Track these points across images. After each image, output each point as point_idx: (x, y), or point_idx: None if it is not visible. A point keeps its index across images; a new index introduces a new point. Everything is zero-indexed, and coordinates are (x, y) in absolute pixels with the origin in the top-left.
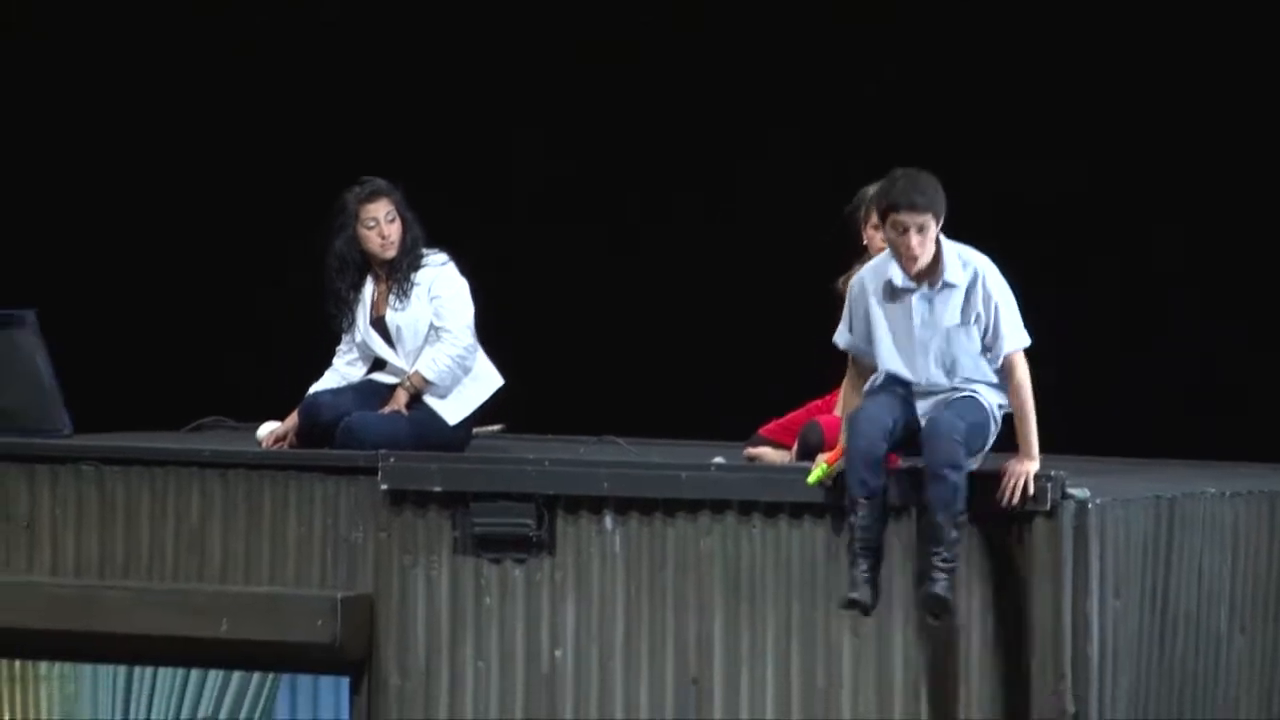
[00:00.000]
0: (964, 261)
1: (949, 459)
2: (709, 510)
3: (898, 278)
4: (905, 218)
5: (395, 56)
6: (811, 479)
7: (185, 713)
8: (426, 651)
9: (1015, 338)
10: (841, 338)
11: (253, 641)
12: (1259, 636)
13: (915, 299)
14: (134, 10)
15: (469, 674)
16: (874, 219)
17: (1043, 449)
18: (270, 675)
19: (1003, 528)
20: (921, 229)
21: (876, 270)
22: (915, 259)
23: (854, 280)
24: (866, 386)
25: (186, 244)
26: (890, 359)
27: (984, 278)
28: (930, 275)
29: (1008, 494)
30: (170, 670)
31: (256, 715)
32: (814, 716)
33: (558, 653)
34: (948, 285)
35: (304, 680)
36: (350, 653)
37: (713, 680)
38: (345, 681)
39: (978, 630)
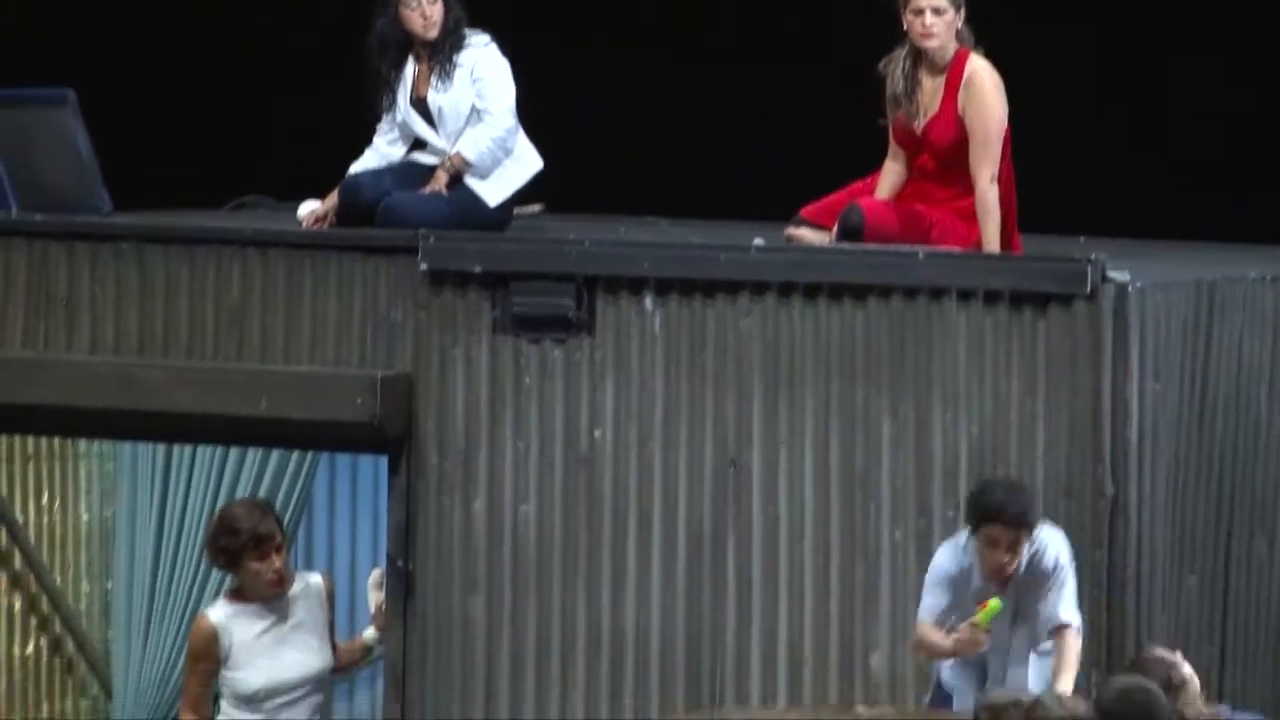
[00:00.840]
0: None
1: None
2: (749, 291)
3: (976, 579)
4: (998, 532)
5: None
6: (982, 619)
7: (224, 492)
8: (465, 431)
9: (1067, 613)
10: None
11: (292, 420)
12: None
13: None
14: None
15: (508, 453)
16: (912, 4)
17: (1083, 231)
18: (309, 454)
19: (1042, 311)
20: (1013, 545)
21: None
22: (1004, 578)
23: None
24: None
25: (228, 20)
26: None
27: (1044, 552)
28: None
29: None
30: (209, 449)
31: (295, 494)
32: (852, 498)
33: (596, 433)
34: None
35: (343, 459)
36: (389, 431)
37: (751, 462)
38: (384, 461)
39: (1016, 413)
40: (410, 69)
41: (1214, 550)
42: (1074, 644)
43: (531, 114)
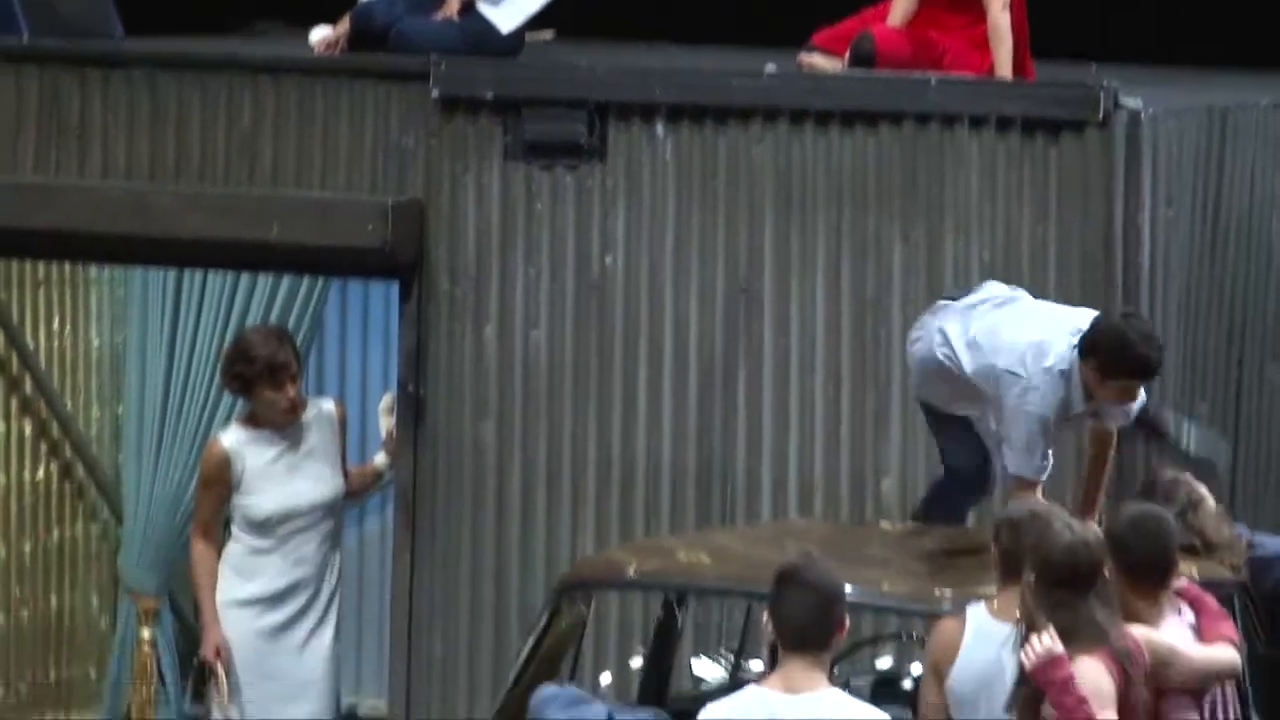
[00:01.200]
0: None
1: None
2: (761, 117)
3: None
4: (1136, 387)
5: None
6: None
7: (235, 318)
8: (477, 257)
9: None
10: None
11: (303, 246)
12: None
13: None
14: None
15: (519, 279)
16: None
17: (1096, 58)
18: (320, 280)
19: (1054, 138)
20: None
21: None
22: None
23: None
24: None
25: None
26: None
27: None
28: None
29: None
30: (220, 275)
31: (306, 320)
32: (863, 325)
33: (608, 259)
34: None
35: (354, 286)
36: (400, 257)
37: (762, 289)
38: (395, 286)
39: (1028, 240)
40: None
41: (1224, 378)
42: None
43: None
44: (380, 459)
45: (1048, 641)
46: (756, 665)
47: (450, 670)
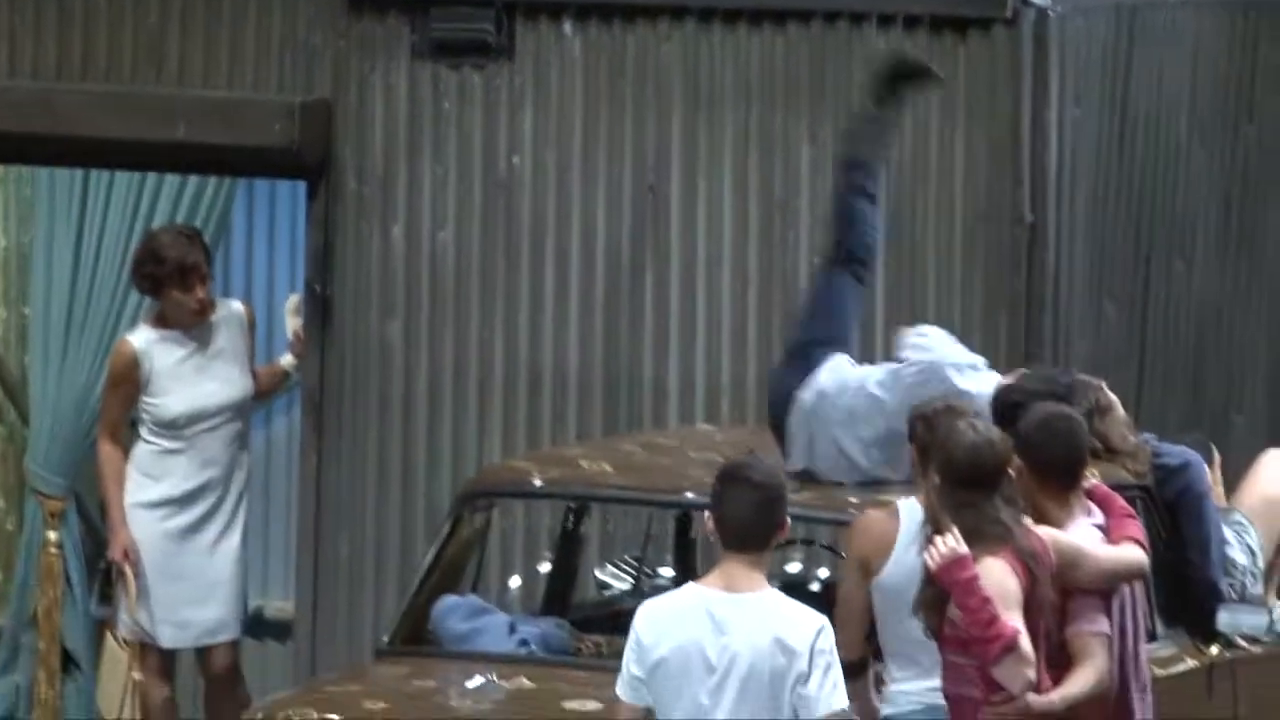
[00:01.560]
0: None
1: None
2: (668, 16)
3: None
4: None
5: None
6: None
7: (141, 218)
8: (384, 157)
9: None
10: None
11: (210, 145)
12: (1219, 147)
13: None
14: None
15: (426, 180)
16: None
17: None
18: (227, 180)
19: (962, 36)
20: None
21: None
22: None
23: None
24: None
25: None
26: None
27: None
28: None
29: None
30: (127, 175)
31: (213, 221)
32: (771, 225)
33: (515, 159)
34: None
35: (261, 185)
36: (307, 157)
37: (670, 189)
38: (302, 186)
39: (936, 139)
40: None
41: (1133, 275)
42: None
43: None
44: (287, 360)
45: (952, 542)
46: (665, 573)
47: (357, 572)
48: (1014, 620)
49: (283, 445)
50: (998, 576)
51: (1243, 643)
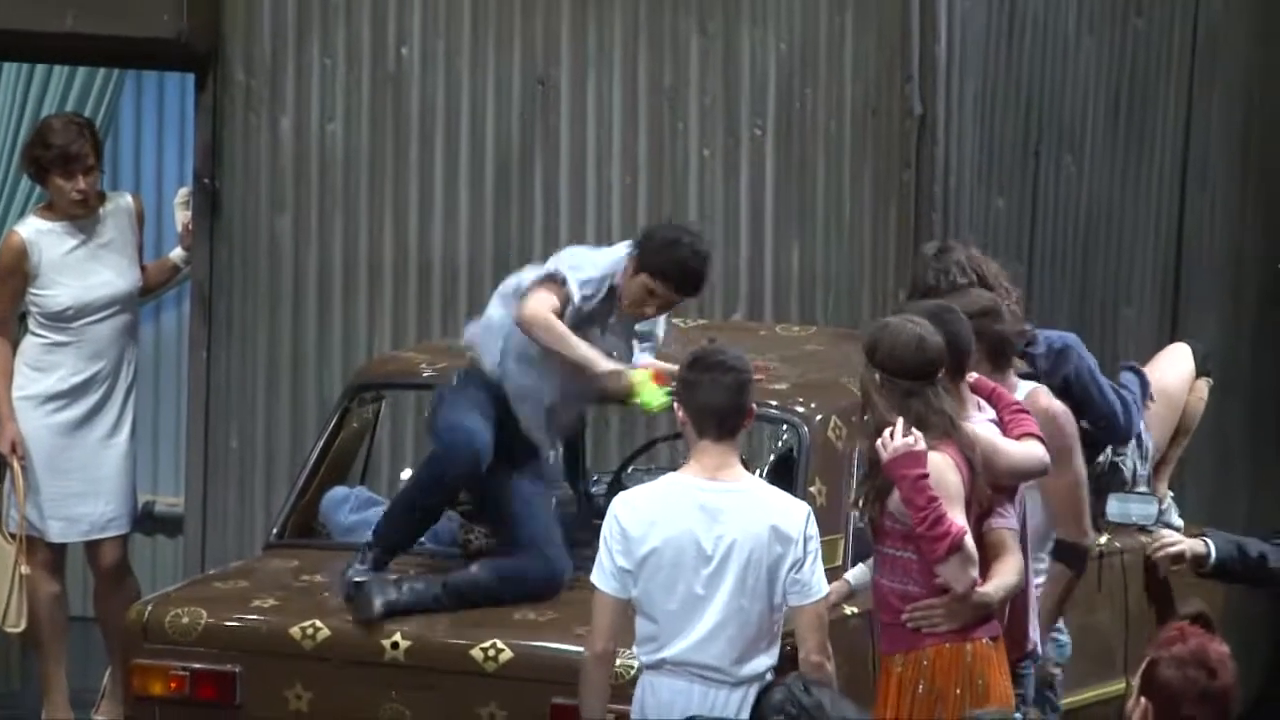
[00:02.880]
0: None
1: None
2: None
3: None
4: None
5: None
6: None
7: (29, 109)
8: (273, 48)
9: None
10: None
11: (98, 36)
12: (1108, 40)
13: None
14: None
15: (315, 71)
16: None
17: None
18: (115, 72)
19: None
20: None
21: None
22: None
23: None
24: None
25: None
26: None
27: None
28: None
29: None
30: (14, 66)
31: (101, 112)
32: (660, 117)
33: (404, 50)
34: None
35: (149, 78)
36: (196, 48)
37: (559, 81)
38: (190, 78)
39: (825, 30)
40: None
41: (1022, 170)
42: None
43: None
44: (176, 253)
45: (909, 438)
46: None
47: (247, 465)
48: (958, 518)
49: (172, 339)
50: (942, 471)
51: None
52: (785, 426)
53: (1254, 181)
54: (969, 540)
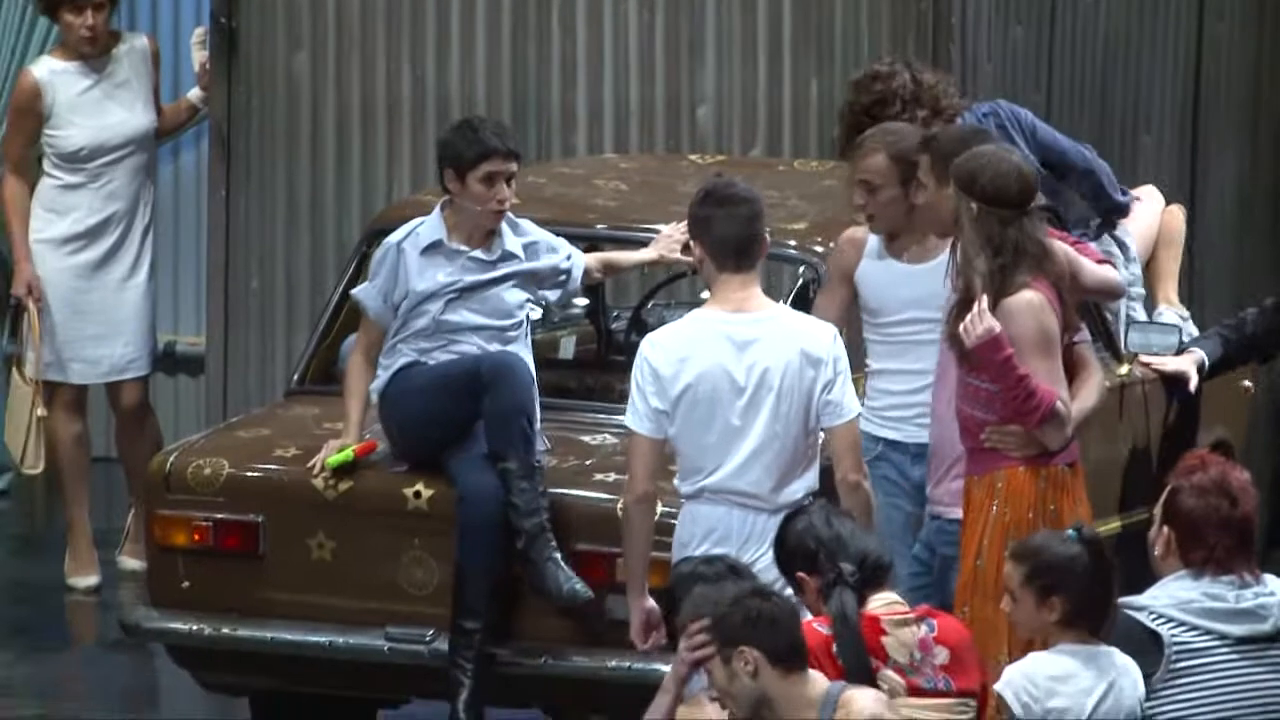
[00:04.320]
0: None
1: None
2: None
3: None
4: None
5: None
6: (332, 461)
7: None
8: None
9: None
10: None
11: None
12: None
13: None
14: None
15: None
16: None
17: None
18: None
19: None
20: None
21: None
22: None
23: None
24: None
25: None
26: None
27: None
28: None
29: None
30: None
31: None
32: None
33: None
34: None
35: None
36: None
37: None
38: None
39: None
40: None
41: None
42: None
43: None
44: (194, 94)
45: (988, 320)
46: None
47: (268, 305)
48: (1052, 368)
49: (191, 179)
50: (1041, 315)
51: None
52: (804, 266)
53: (1271, 10)
54: (1060, 405)
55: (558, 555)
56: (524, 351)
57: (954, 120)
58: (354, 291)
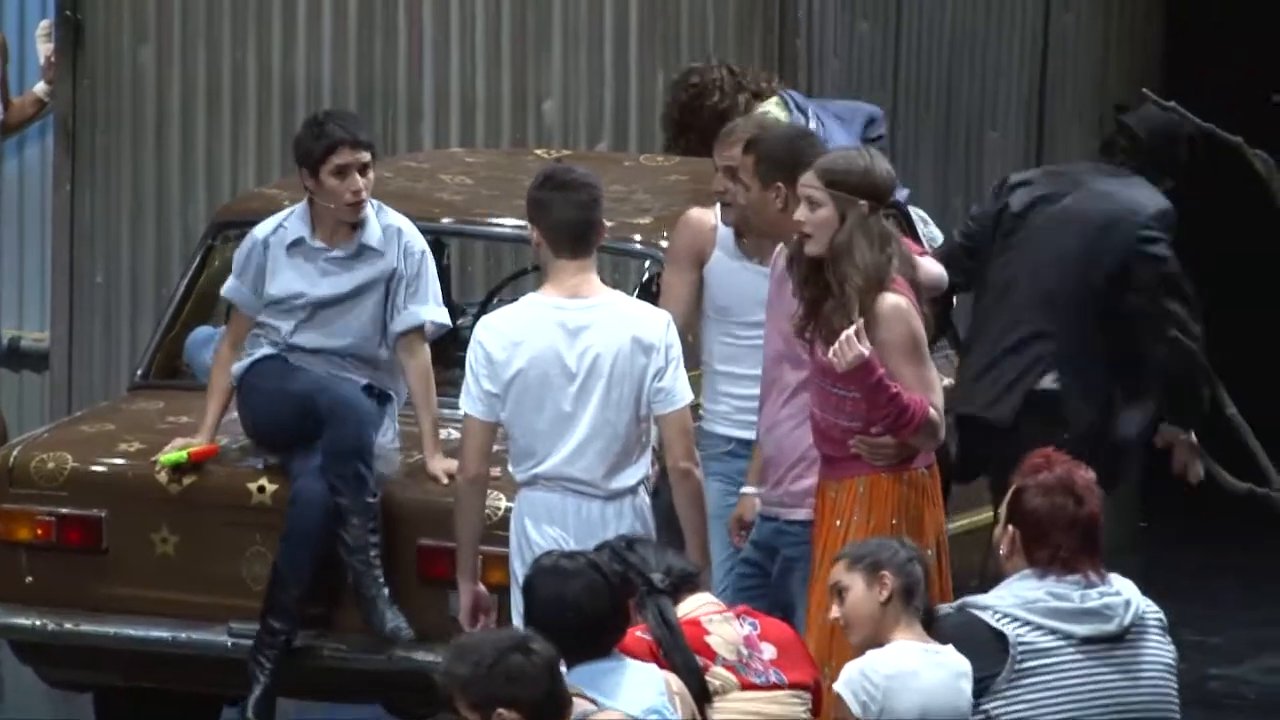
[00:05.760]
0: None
1: None
2: None
3: None
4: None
5: None
6: (165, 459)
7: None
8: None
9: None
10: None
11: None
12: None
13: None
14: None
15: None
16: None
17: None
18: None
19: None
20: None
21: None
22: None
23: None
24: None
25: None
26: None
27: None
28: None
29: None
30: None
31: None
32: None
33: None
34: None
35: None
36: None
37: None
38: None
39: None
40: None
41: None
42: None
43: None
44: (40, 87)
45: (857, 347)
46: None
47: (113, 301)
48: (921, 373)
49: (36, 173)
50: (909, 318)
51: None
52: (649, 260)
53: (1118, 3)
54: (933, 413)
55: (385, 592)
56: (379, 375)
57: (766, 99)
58: (224, 290)
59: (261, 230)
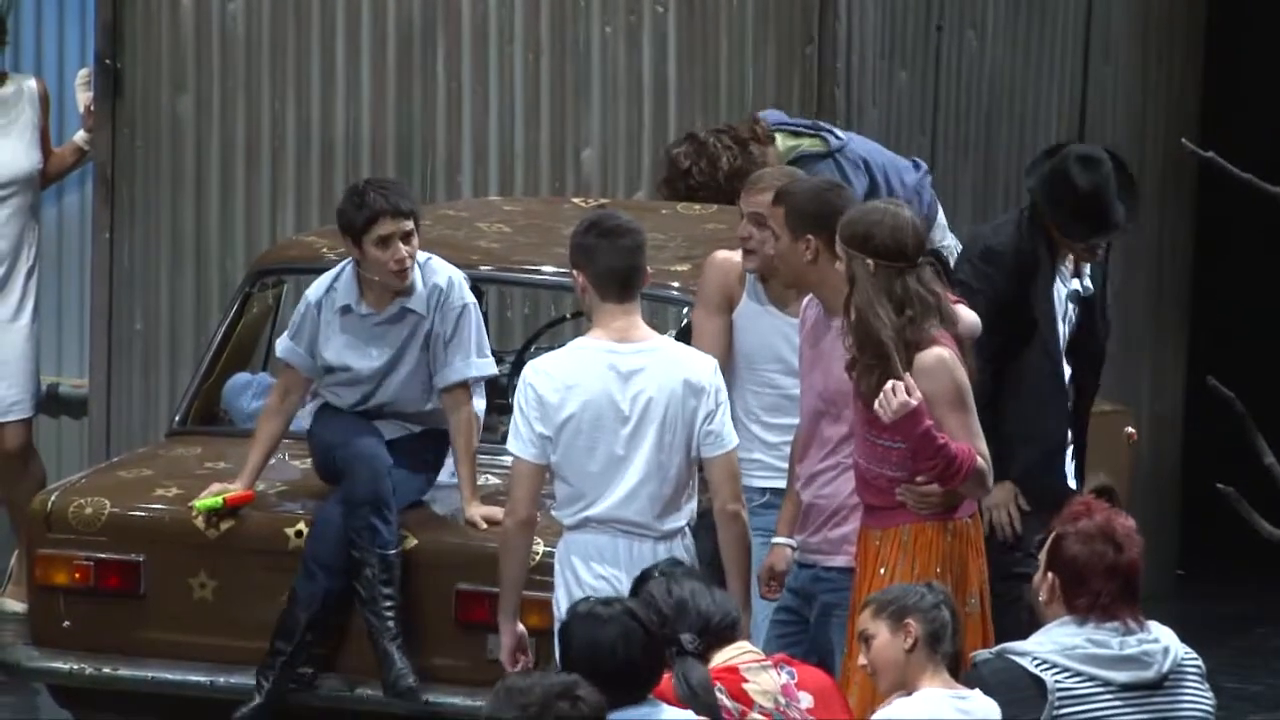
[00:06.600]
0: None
1: None
2: None
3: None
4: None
5: None
6: (201, 504)
7: None
8: None
9: None
10: None
11: None
12: None
13: None
14: None
15: None
16: None
17: None
18: None
19: None
20: None
21: None
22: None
23: None
24: None
25: None
26: None
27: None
28: None
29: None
30: None
31: None
32: None
33: None
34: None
35: None
36: None
37: None
38: None
39: None
40: None
41: (924, 44)
42: None
43: None
44: (80, 135)
45: (903, 395)
46: None
47: (151, 348)
48: (967, 421)
49: (75, 221)
50: (954, 370)
51: None
52: (687, 308)
53: (1156, 54)
54: (980, 462)
55: (396, 646)
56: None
57: (772, 142)
58: (278, 350)
59: (314, 293)
